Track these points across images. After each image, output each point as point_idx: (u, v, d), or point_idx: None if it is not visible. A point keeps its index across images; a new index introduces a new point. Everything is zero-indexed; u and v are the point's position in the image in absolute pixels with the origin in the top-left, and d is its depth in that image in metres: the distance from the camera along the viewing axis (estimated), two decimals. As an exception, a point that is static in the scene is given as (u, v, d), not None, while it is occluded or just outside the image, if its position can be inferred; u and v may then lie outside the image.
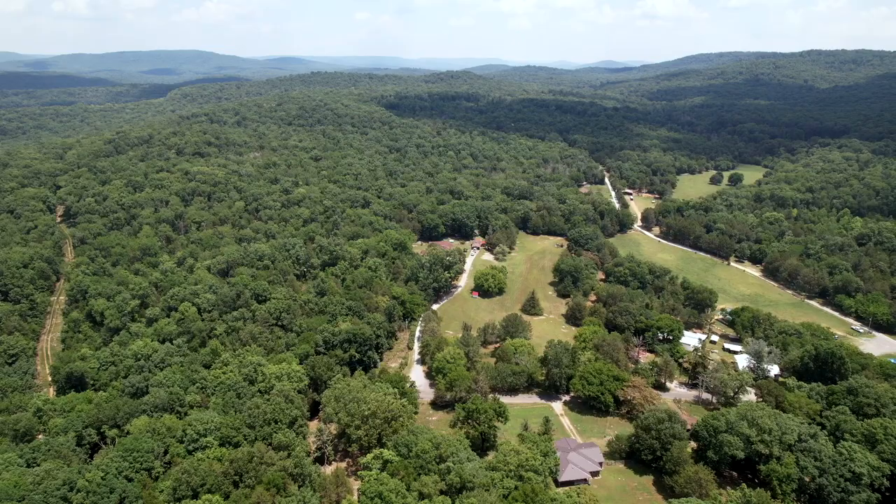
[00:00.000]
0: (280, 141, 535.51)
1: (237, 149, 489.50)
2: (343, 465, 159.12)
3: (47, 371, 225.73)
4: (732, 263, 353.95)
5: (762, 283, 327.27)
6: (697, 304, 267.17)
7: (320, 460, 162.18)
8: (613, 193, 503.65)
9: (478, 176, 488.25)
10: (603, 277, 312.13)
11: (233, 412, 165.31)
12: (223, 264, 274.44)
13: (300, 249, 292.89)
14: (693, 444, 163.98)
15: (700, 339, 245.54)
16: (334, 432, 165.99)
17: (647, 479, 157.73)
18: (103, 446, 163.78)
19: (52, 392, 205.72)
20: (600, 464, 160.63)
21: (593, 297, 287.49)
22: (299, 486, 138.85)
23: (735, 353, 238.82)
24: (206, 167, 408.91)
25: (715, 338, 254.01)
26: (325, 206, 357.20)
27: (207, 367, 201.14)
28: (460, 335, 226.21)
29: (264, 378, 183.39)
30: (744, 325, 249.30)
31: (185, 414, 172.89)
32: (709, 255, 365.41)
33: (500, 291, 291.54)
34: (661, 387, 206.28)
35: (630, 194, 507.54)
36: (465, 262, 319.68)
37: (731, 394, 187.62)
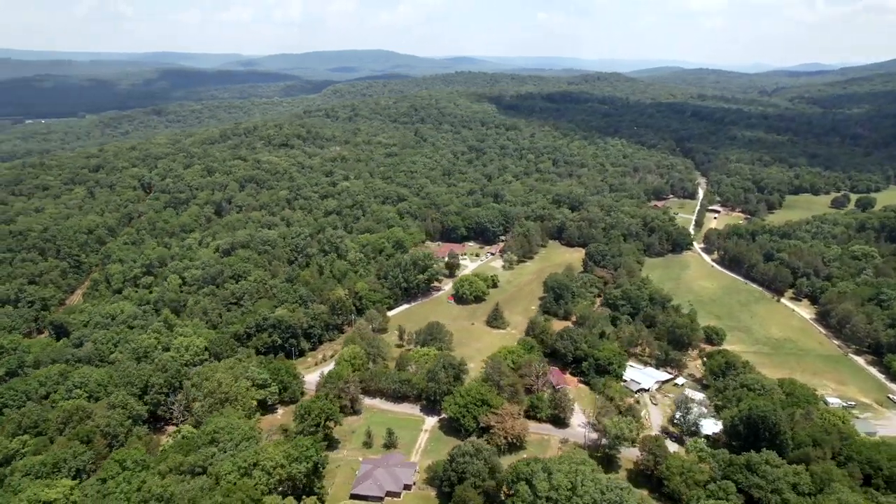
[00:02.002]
0: (367, 136, 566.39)
1: (322, 142, 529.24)
2: (170, 429, 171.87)
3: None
4: (785, 300, 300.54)
5: (805, 328, 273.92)
6: (675, 341, 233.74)
7: (156, 422, 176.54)
8: (697, 210, 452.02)
9: (543, 181, 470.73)
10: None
11: (115, 373, 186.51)
12: (228, 245, 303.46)
13: (300, 239, 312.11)
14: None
15: (657, 380, 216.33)
16: (184, 401, 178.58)
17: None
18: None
19: (44, 336, 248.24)
20: (407, 486, 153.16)
21: (574, 318, 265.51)
22: (108, 444, 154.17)
23: (692, 400, 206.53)
24: (276, 157, 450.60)
25: (681, 380, 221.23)
26: (355, 199, 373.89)
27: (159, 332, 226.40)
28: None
29: (168, 348, 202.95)
30: (713, 370, 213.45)
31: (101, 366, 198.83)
32: (760, 288, 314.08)
33: (477, 299, 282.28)
34: (560, 421, 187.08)
35: (717, 212, 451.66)
36: (457, 267, 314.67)
37: (604, 442, 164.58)
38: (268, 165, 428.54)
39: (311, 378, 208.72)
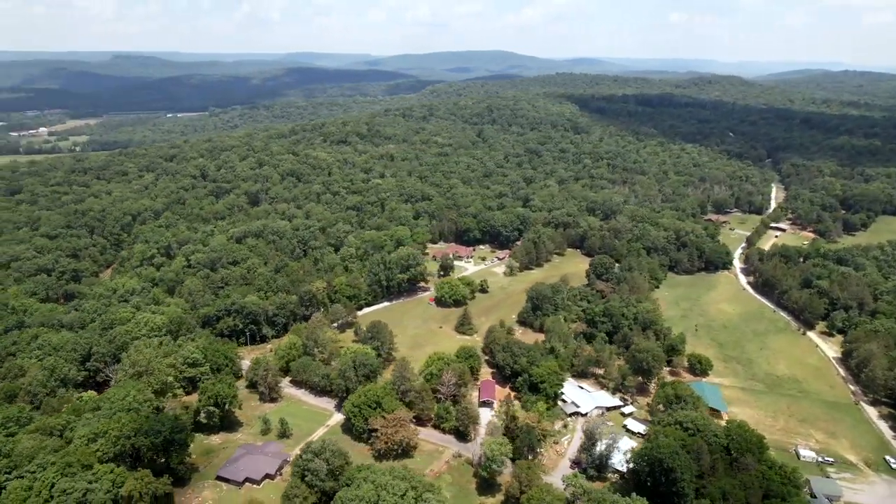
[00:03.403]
0: (427, 136, 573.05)
1: (379, 140, 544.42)
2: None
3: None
4: (813, 334, 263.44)
5: (821, 368, 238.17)
6: (636, 366, 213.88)
7: (98, 387, 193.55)
8: (757, 226, 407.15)
9: (591, 187, 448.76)
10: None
11: (71, 339, 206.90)
12: (241, 233, 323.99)
13: (308, 231, 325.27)
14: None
15: (600, 405, 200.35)
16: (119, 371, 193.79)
17: None
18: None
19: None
20: (269, 475, 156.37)
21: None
22: (30, 401, 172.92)
23: (630, 431, 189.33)
24: (325, 153, 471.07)
25: (631, 409, 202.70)
26: (378, 196, 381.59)
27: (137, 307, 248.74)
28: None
29: (137, 322, 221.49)
30: (662, 401, 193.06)
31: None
32: (788, 318, 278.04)
33: (457, 303, 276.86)
34: (463, 435, 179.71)
35: (782, 230, 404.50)
36: (451, 269, 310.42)
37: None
38: (313, 161, 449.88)
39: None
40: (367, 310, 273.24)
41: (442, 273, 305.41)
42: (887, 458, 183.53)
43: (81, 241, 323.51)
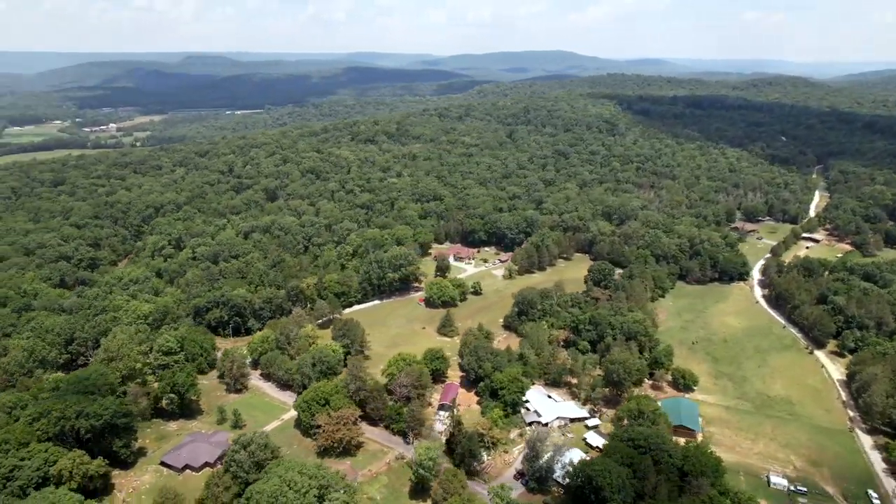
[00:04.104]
0: (456, 136, 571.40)
1: (406, 140, 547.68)
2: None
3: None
4: (822, 353, 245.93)
5: (822, 390, 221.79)
6: (609, 377, 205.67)
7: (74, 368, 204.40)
8: (787, 236, 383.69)
9: (614, 191, 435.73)
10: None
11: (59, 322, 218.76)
12: (249, 228, 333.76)
13: (313, 228, 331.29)
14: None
15: (562, 416, 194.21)
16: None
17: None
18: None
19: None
20: (208, 463, 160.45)
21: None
22: (7, 380, 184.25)
23: (589, 444, 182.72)
24: (347, 151, 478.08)
25: (595, 422, 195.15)
26: (389, 195, 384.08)
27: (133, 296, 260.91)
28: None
29: (126, 310, 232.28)
30: (623, 412, 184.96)
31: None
32: (799, 334, 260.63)
33: (445, 305, 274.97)
34: (407, 437, 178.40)
35: (815, 241, 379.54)
36: (447, 270, 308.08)
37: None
38: (335, 158, 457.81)
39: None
40: (356, 307, 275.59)
41: (438, 274, 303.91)
42: (870, 492, 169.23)
43: (104, 231, 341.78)
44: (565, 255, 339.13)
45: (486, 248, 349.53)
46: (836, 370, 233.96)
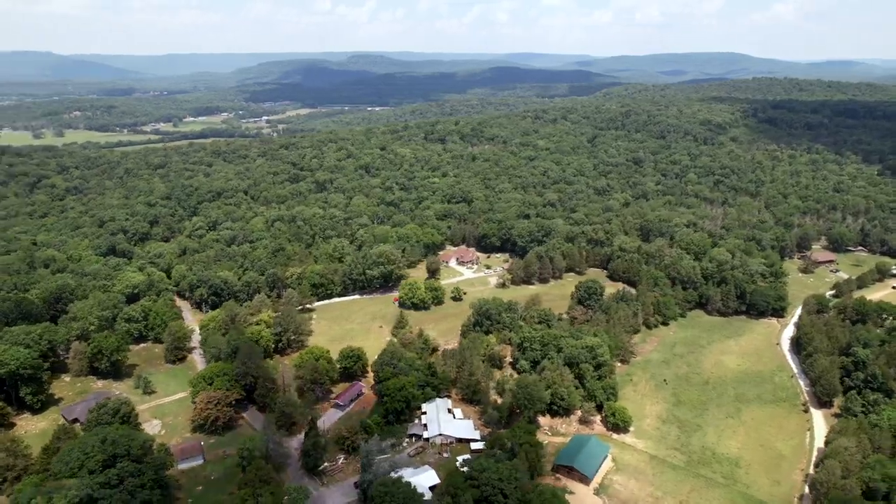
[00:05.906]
0: (530, 139, 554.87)
1: (477, 141, 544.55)
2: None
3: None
4: (820, 412, 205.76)
5: (783, 458, 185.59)
6: (514, 401, 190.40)
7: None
8: (869, 270, 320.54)
9: (678, 204, 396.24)
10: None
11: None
12: (275, 217, 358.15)
13: (327, 221, 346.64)
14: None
15: (445, 433, 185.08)
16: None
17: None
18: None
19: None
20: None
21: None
22: None
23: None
24: (407, 150, 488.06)
25: (480, 445, 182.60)
26: (420, 195, 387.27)
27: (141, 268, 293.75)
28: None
29: (119, 279, 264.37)
30: (492, 442, 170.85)
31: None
32: (805, 387, 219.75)
33: (416, 307, 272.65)
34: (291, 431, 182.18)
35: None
36: (438, 272, 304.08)
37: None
38: (392, 156, 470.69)
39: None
40: (333, 300, 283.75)
41: (428, 276, 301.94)
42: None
43: (165, 210, 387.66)
44: (578, 268, 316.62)
45: (498, 255, 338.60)
46: (825, 437, 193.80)
